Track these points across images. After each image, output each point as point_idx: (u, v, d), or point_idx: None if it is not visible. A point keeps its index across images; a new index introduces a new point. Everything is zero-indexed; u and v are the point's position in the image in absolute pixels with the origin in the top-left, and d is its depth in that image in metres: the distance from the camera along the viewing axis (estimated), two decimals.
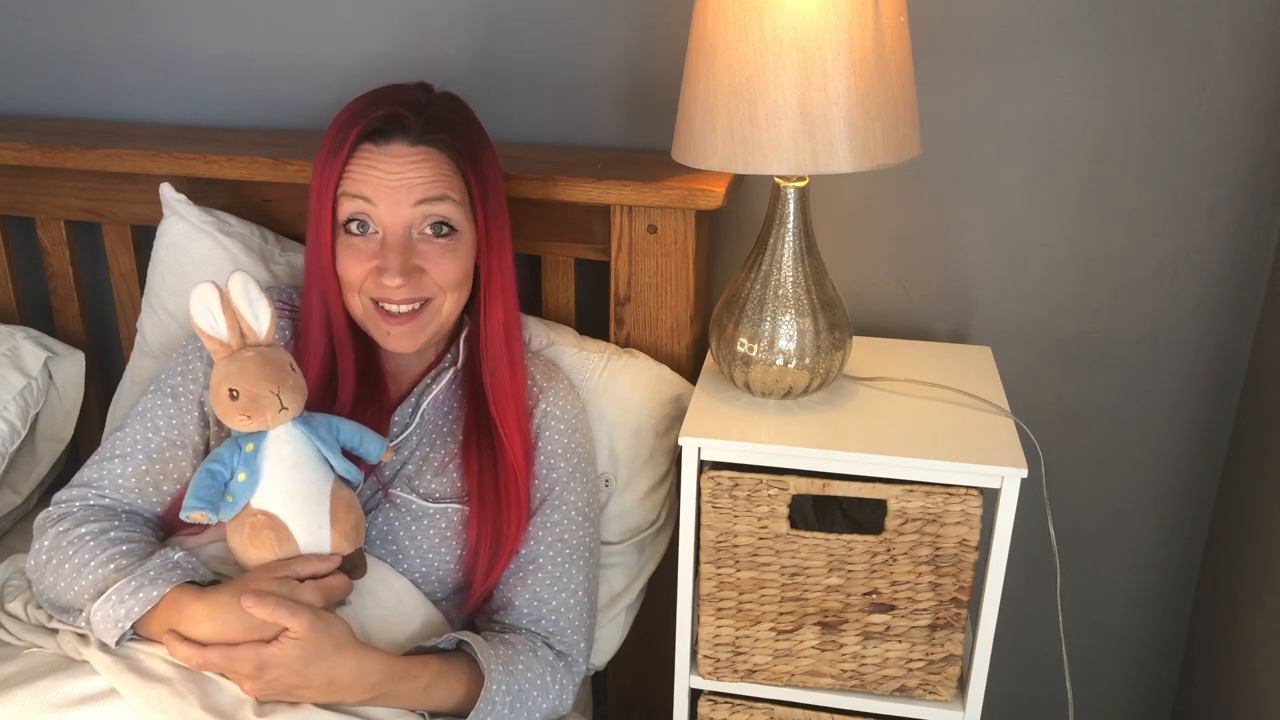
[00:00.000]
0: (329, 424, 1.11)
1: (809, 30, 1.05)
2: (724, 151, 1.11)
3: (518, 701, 1.10)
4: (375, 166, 1.12)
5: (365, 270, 1.14)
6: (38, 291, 1.67)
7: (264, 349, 1.06)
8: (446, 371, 1.24)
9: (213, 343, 1.06)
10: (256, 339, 1.07)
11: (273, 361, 1.05)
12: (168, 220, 1.43)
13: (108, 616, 1.03)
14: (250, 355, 1.05)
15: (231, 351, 1.06)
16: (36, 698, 1.01)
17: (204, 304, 1.05)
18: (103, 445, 1.20)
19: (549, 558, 1.19)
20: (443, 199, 1.14)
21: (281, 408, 1.05)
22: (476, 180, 1.17)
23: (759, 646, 1.24)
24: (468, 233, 1.17)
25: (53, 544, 1.11)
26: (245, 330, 1.06)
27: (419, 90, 1.18)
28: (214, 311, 1.05)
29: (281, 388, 1.05)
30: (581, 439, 1.26)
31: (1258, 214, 1.40)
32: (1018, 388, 1.49)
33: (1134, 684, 1.65)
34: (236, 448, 1.07)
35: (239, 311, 1.06)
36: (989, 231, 1.46)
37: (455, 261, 1.16)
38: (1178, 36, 1.35)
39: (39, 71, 1.65)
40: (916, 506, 1.15)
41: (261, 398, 1.04)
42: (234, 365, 1.04)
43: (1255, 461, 1.40)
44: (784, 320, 1.20)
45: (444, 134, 1.14)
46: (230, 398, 1.04)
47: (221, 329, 1.05)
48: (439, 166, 1.14)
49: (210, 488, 1.05)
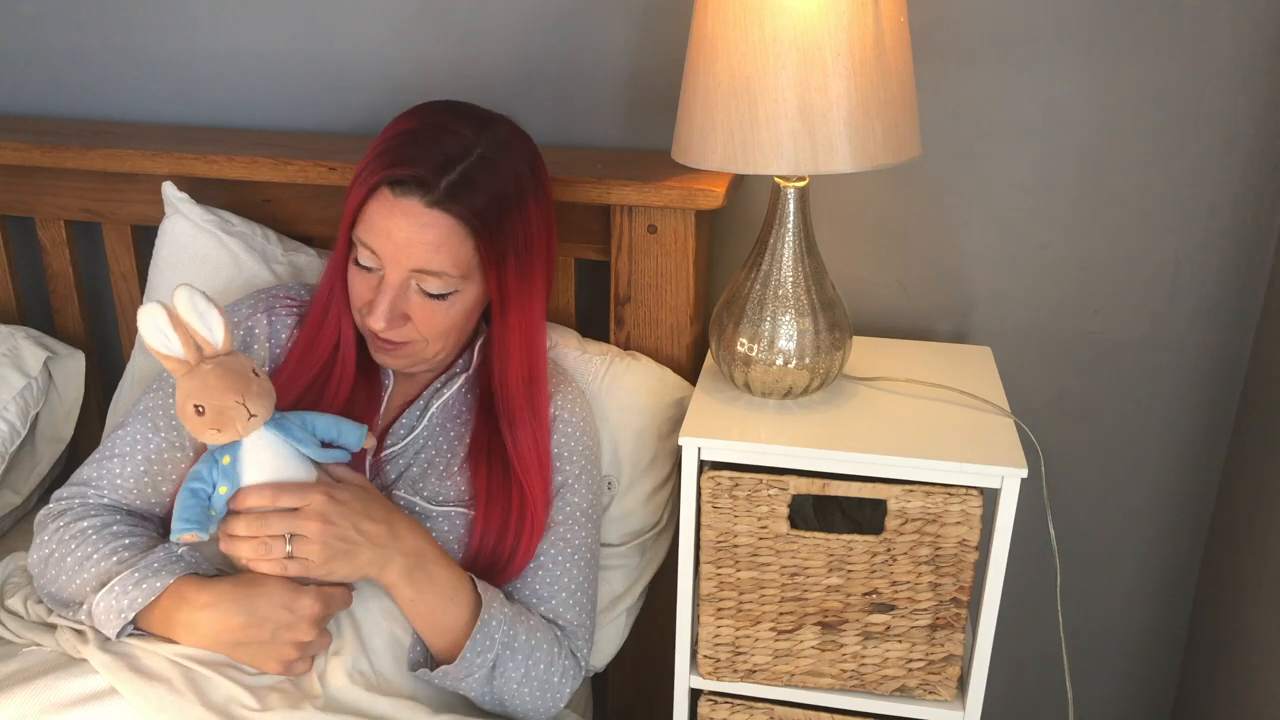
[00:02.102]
0: (303, 421, 1.09)
1: (809, 30, 1.05)
2: (724, 151, 1.11)
3: (521, 653, 1.13)
4: (386, 218, 1.10)
5: (363, 301, 1.15)
6: (38, 291, 1.67)
7: (222, 359, 1.04)
8: (458, 377, 1.24)
9: (170, 362, 1.03)
10: (215, 350, 1.04)
11: (233, 370, 1.03)
12: (170, 219, 1.43)
13: (110, 607, 1.03)
14: (209, 368, 1.02)
15: (190, 367, 1.03)
16: (36, 697, 1.01)
17: (153, 325, 1.02)
18: (102, 444, 1.20)
19: (550, 556, 1.20)
20: (437, 275, 1.11)
21: (250, 415, 1.03)
22: (489, 248, 1.12)
23: (759, 646, 1.24)
24: (468, 292, 1.15)
25: (54, 538, 1.11)
26: (200, 343, 1.03)
27: (468, 131, 1.12)
28: (165, 331, 1.02)
29: (246, 395, 1.02)
30: (589, 441, 1.26)
31: (1258, 214, 1.40)
32: (1018, 388, 1.50)
33: (1134, 684, 1.65)
34: (214, 462, 1.05)
35: (190, 326, 1.03)
36: (989, 231, 1.46)
37: (444, 316, 1.14)
38: (1178, 37, 1.35)
39: (39, 71, 1.65)
40: (916, 506, 1.15)
41: (227, 409, 1.02)
42: (195, 381, 1.02)
43: (1255, 461, 1.40)
44: (784, 320, 1.20)
45: (463, 205, 1.09)
46: (197, 413, 1.02)
47: (176, 347, 1.02)
48: (447, 237, 1.10)
49: (194, 507, 1.04)
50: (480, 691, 1.13)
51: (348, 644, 1.09)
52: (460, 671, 1.10)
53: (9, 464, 1.47)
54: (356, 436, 1.11)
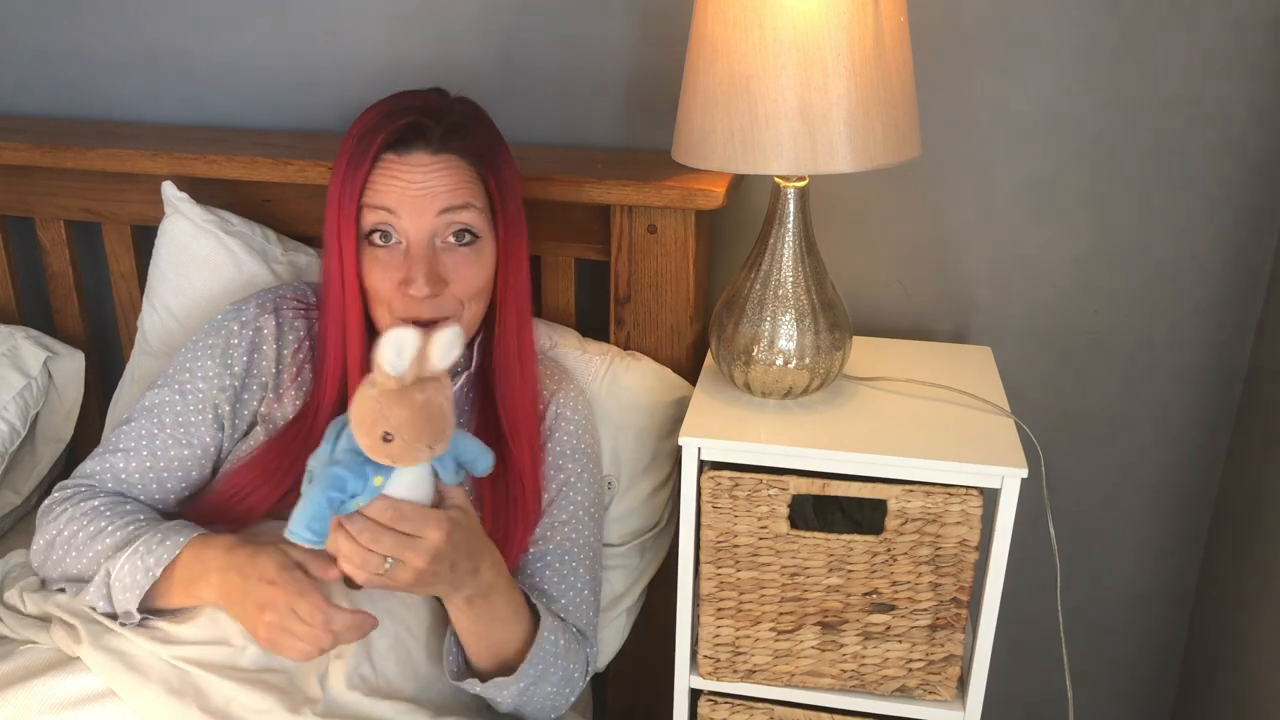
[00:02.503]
0: (453, 442, 0.99)
1: (809, 30, 1.05)
2: (724, 152, 1.11)
3: (563, 658, 1.13)
4: (398, 177, 1.12)
5: (393, 283, 1.13)
6: (38, 291, 1.67)
7: (432, 389, 0.92)
8: (459, 377, 1.24)
9: (381, 375, 0.92)
10: (430, 372, 0.93)
11: (440, 415, 0.93)
12: (170, 219, 1.43)
13: (135, 567, 1.04)
14: (420, 402, 0.91)
15: (401, 387, 0.91)
16: (34, 697, 1.01)
17: (398, 345, 0.91)
18: (105, 440, 1.20)
19: (556, 555, 1.20)
20: (466, 207, 1.14)
21: (430, 455, 0.95)
22: (497, 186, 1.16)
23: (759, 647, 1.24)
24: (489, 239, 1.17)
25: (62, 519, 1.11)
26: (420, 372, 0.93)
27: (435, 96, 1.18)
28: (404, 355, 0.91)
29: (439, 442, 0.94)
30: (591, 440, 1.27)
31: (1258, 214, 1.40)
32: (1018, 388, 1.49)
33: (1134, 684, 1.65)
34: (365, 479, 0.95)
35: (431, 360, 0.93)
36: (989, 231, 1.46)
37: (478, 270, 1.16)
38: (1178, 36, 1.35)
39: (39, 71, 1.65)
40: (916, 506, 1.15)
41: (418, 452, 0.93)
42: (401, 410, 0.91)
43: (1255, 461, 1.40)
44: (784, 320, 1.20)
45: (465, 141, 1.14)
46: (384, 440, 0.92)
47: (404, 368, 0.91)
48: (461, 174, 1.14)
49: (327, 520, 0.95)
50: (516, 701, 1.13)
51: (351, 646, 1.08)
52: (511, 683, 1.10)
53: (9, 464, 1.47)
54: (486, 463, 1.03)
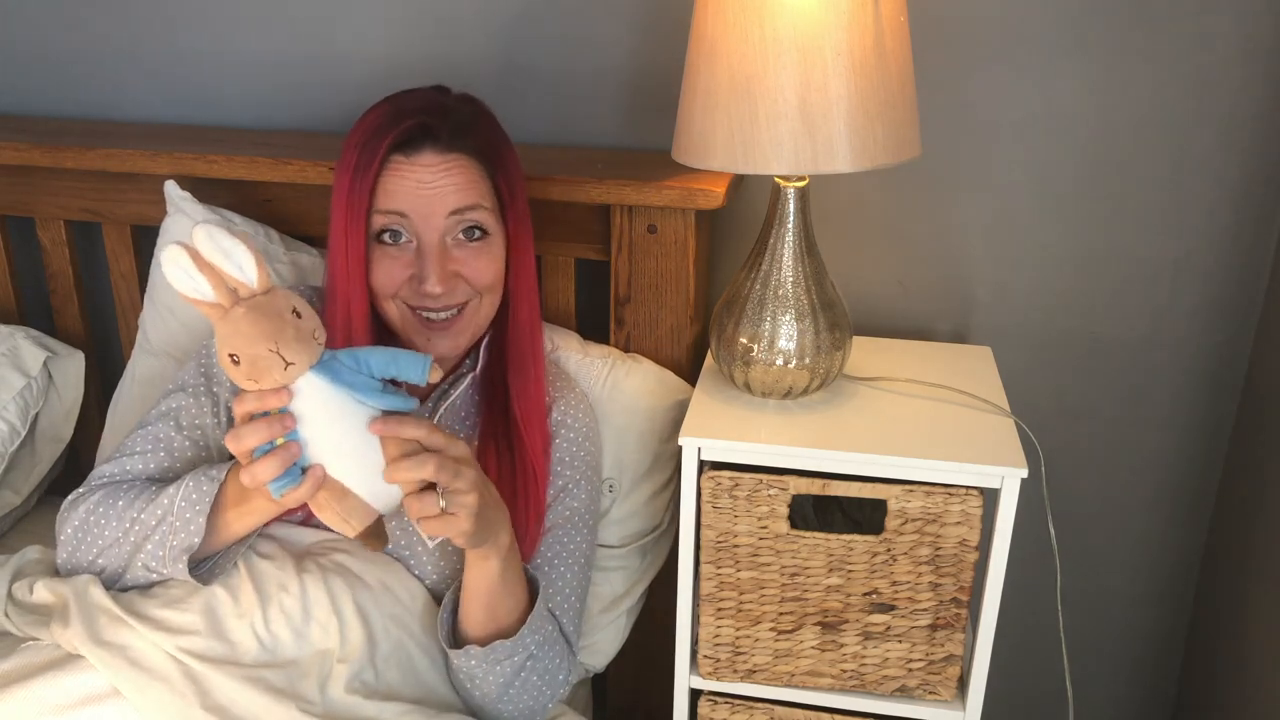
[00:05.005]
0: (356, 360, 0.95)
1: (809, 30, 1.05)
2: (724, 151, 1.11)
3: (549, 644, 1.13)
4: (407, 178, 1.12)
5: (401, 280, 1.14)
6: (38, 291, 1.67)
7: (257, 300, 0.91)
8: (464, 378, 1.24)
9: (203, 307, 0.91)
10: (250, 290, 0.92)
11: (268, 313, 0.91)
12: (171, 218, 1.43)
13: (190, 501, 1.05)
14: (242, 312, 0.90)
15: (224, 311, 0.91)
16: (35, 696, 1.00)
17: (178, 269, 0.91)
18: (121, 444, 1.19)
19: (547, 559, 1.19)
20: (475, 207, 1.14)
21: (286, 364, 0.91)
22: (504, 183, 1.17)
23: (759, 646, 1.24)
24: (498, 235, 1.18)
25: (91, 500, 1.12)
26: (234, 284, 0.91)
27: (438, 95, 1.17)
28: (191, 274, 0.90)
29: (280, 342, 0.90)
30: (591, 447, 1.26)
31: (1258, 214, 1.40)
32: (1018, 388, 1.49)
33: (1134, 684, 1.65)
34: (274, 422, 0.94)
35: (217, 267, 0.91)
36: (989, 231, 1.46)
37: (490, 262, 1.16)
38: (1178, 36, 1.35)
39: (39, 71, 1.65)
40: (916, 506, 1.15)
41: (261, 358, 0.90)
42: (228, 327, 0.91)
43: (1255, 461, 1.40)
44: (784, 320, 1.20)
45: (472, 140, 1.14)
46: (233, 363, 0.91)
47: (206, 290, 0.90)
48: (470, 173, 1.14)
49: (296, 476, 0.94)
50: (507, 681, 1.12)
51: (354, 651, 1.08)
52: (511, 650, 1.09)
53: (9, 464, 1.47)
54: (419, 369, 0.95)
